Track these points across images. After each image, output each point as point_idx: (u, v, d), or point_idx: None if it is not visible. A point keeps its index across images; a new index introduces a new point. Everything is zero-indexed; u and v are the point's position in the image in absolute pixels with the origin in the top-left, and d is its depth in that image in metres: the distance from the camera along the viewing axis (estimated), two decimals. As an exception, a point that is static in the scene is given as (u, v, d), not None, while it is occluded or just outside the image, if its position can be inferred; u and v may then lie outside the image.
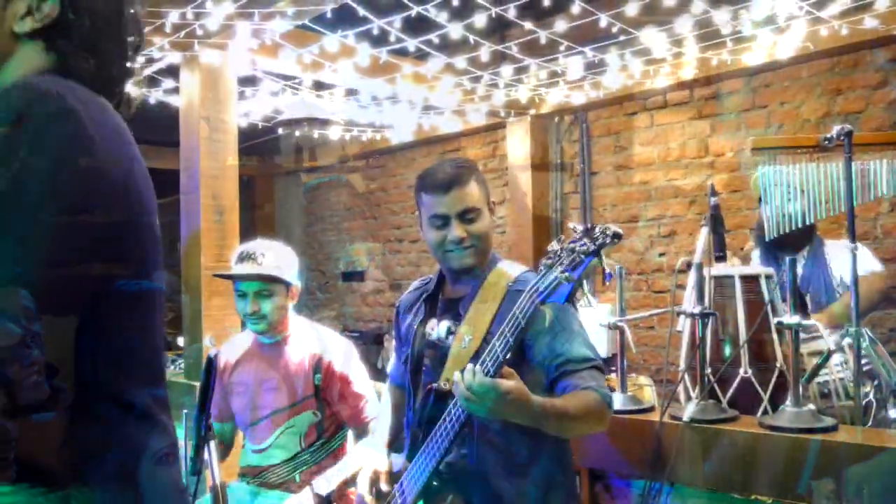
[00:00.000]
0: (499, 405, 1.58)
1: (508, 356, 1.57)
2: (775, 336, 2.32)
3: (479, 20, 3.44)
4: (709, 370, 2.32)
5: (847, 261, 2.29)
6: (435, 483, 1.89)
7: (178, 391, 3.74)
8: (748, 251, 3.64)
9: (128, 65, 1.23)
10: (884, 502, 1.85)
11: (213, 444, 1.89)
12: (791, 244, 3.02)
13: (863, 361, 2.31)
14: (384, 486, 2.01)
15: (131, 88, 1.27)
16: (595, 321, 2.67)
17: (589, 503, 2.53)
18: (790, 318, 2.09)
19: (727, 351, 2.37)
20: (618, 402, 2.46)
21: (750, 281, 2.39)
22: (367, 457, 2.14)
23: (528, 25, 3.60)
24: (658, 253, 4.94)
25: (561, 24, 3.48)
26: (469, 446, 1.88)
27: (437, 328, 2.01)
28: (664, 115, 4.88)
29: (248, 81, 4.18)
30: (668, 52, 3.96)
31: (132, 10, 1.22)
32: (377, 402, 2.70)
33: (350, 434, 2.80)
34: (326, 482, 2.51)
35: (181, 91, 3.77)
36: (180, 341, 4.00)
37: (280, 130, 5.31)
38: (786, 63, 4.10)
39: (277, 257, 2.63)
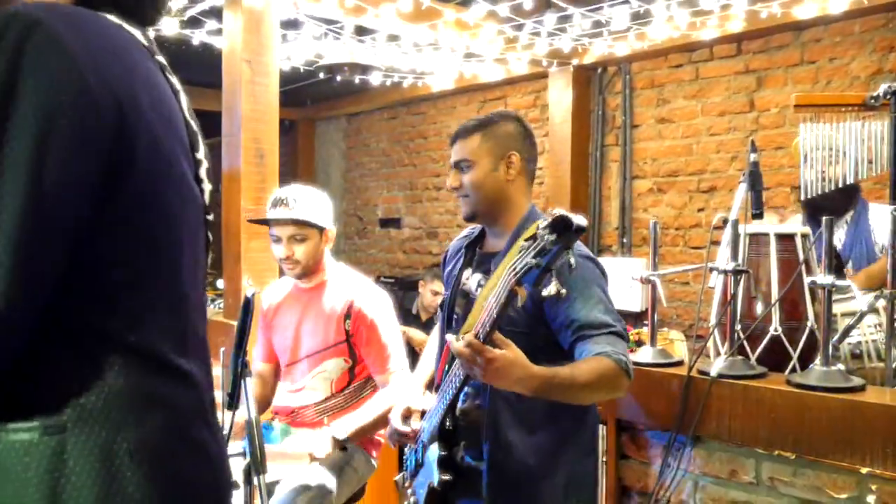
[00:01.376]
0: (486, 372, 1.59)
1: (492, 329, 1.56)
2: (808, 295, 2.31)
3: (524, -33, 3.40)
4: (739, 327, 2.32)
5: (889, 224, 2.26)
6: (448, 427, 1.94)
7: (218, 330, 3.85)
8: (789, 214, 3.60)
9: None
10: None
11: (248, 380, 1.96)
12: (832, 207, 2.97)
13: (896, 324, 2.29)
14: (414, 423, 2.08)
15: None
16: (628, 275, 2.68)
17: (615, 453, 2.57)
18: (823, 278, 2.08)
19: (758, 308, 2.37)
20: (647, 355, 2.48)
21: (785, 239, 2.38)
22: (402, 392, 2.20)
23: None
24: (697, 208, 4.90)
25: (606, -27, 3.42)
26: (482, 397, 1.92)
27: (470, 279, 2.05)
28: (710, 68, 4.79)
29: (291, 25, 4.18)
30: (716, 3, 3.87)
31: None
32: (404, 356, 2.75)
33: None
34: (344, 426, 2.58)
35: (224, 33, 3.79)
36: (220, 283, 4.09)
37: (321, 75, 5.32)
38: (837, 17, 3.99)
39: (310, 202, 2.66)
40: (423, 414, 2.09)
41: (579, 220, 1.34)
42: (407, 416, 2.11)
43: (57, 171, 0.91)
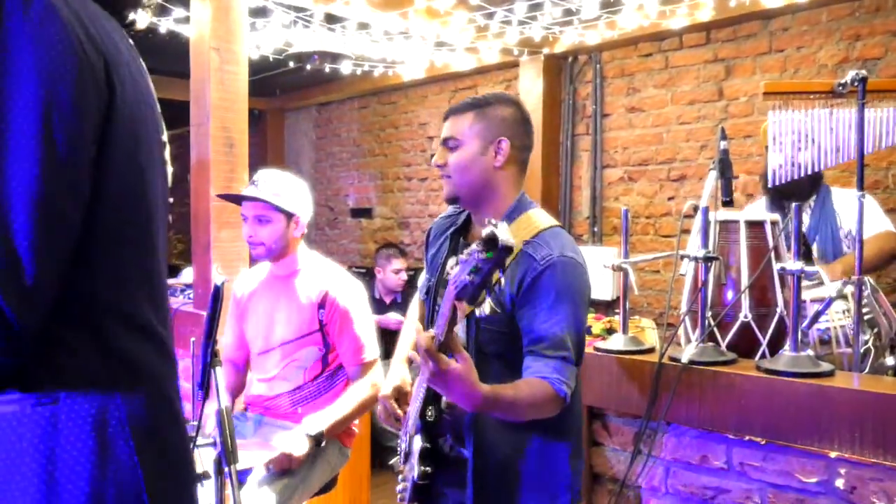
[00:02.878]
0: (434, 378, 1.56)
1: (445, 337, 1.53)
2: (777, 282, 2.33)
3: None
4: (709, 313, 2.34)
5: (855, 211, 2.28)
6: (429, 418, 1.91)
7: (187, 321, 3.81)
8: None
9: None
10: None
11: (218, 369, 1.94)
12: (797, 192, 3.00)
13: (864, 310, 2.32)
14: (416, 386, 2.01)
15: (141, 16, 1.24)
16: (599, 263, 2.69)
17: (587, 440, 2.58)
18: (792, 264, 2.09)
19: (729, 295, 2.39)
20: (619, 343, 2.50)
21: (755, 226, 2.39)
22: (391, 370, 2.15)
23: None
24: (667, 197, 4.93)
25: (577, -39, 3.42)
26: None
27: (454, 269, 2.01)
28: (679, 57, 4.81)
29: (260, 13, 4.14)
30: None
31: None
32: (377, 347, 2.75)
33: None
34: (316, 421, 2.56)
35: (192, 21, 3.74)
36: (190, 272, 4.04)
37: (291, 64, 5.27)
38: (804, 6, 4.03)
39: (280, 185, 2.65)
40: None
41: (505, 238, 1.28)
42: (398, 393, 2.05)
43: (63, 136, 0.93)
